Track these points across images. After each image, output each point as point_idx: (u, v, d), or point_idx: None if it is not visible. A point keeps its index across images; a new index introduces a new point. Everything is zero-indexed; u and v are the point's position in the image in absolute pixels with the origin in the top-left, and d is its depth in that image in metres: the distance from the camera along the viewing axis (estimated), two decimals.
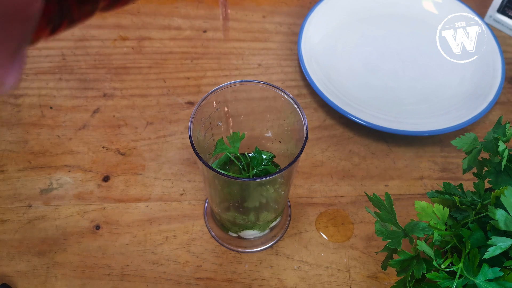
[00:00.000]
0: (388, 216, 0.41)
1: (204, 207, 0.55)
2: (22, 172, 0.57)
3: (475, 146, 0.43)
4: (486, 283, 0.37)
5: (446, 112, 0.62)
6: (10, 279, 0.50)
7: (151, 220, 0.54)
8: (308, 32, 0.66)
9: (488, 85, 0.63)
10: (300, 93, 0.64)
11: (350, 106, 0.60)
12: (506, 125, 0.42)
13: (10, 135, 0.59)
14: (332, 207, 0.56)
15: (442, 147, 0.61)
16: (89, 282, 0.50)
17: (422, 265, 0.39)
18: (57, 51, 0.66)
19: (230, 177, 0.41)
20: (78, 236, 0.53)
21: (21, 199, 0.55)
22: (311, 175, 0.58)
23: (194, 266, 0.51)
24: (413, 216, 0.53)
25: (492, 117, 0.63)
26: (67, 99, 0.62)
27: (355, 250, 0.53)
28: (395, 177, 0.58)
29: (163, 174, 0.57)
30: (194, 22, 0.71)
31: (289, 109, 0.45)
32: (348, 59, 0.67)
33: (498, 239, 0.37)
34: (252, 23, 0.71)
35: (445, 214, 0.40)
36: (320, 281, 0.51)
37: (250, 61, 0.67)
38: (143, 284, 0.50)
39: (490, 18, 0.71)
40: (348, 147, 0.60)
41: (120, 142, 0.59)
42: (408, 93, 0.64)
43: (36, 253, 0.52)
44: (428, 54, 0.67)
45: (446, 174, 0.58)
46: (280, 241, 0.53)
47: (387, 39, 0.69)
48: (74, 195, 0.55)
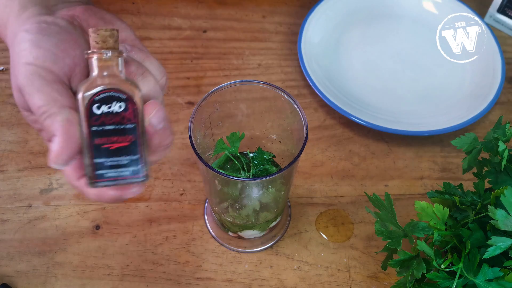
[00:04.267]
0: (388, 216, 0.41)
1: (204, 207, 0.55)
2: (22, 172, 0.57)
3: (475, 146, 0.44)
4: (486, 283, 0.37)
5: (446, 112, 0.62)
6: (10, 279, 0.50)
7: (151, 220, 0.54)
8: (308, 32, 0.66)
9: (488, 85, 0.63)
10: (300, 93, 0.64)
11: (350, 106, 0.60)
12: (506, 125, 0.42)
13: (10, 135, 0.59)
14: (332, 207, 0.56)
15: (442, 147, 0.61)
16: (89, 282, 0.50)
17: (422, 265, 0.39)
18: None
19: (230, 177, 0.41)
20: (78, 236, 0.53)
21: (21, 199, 0.55)
22: (311, 175, 0.58)
23: (194, 266, 0.51)
24: (413, 216, 0.53)
25: (492, 117, 0.63)
26: None
27: (355, 250, 0.53)
28: (395, 177, 0.58)
29: (163, 174, 0.57)
30: (194, 22, 0.71)
31: (289, 109, 0.45)
32: (348, 59, 0.67)
33: (498, 239, 0.37)
34: (252, 23, 0.71)
35: (445, 214, 0.40)
36: (320, 281, 0.51)
37: (250, 61, 0.67)
38: (143, 284, 0.50)
39: (490, 18, 0.71)
40: (348, 147, 0.60)
41: None
42: (408, 93, 0.64)
43: (36, 253, 0.52)
44: (428, 54, 0.67)
45: (446, 174, 0.58)
46: (280, 241, 0.53)
47: (387, 39, 0.69)
48: (74, 195, 0.55)
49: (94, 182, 0.32)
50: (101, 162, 0.31)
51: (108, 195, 0.33)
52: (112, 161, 0.31)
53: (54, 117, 0.31)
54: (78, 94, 0.31)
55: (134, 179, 0.32)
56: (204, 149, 0.47)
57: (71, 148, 0.31)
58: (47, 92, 0.32)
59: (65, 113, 0.31)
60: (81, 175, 0.33)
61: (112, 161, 0.31)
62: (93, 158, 0.31)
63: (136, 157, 0.32)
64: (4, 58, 0.65)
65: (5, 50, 0.66)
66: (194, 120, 0.42)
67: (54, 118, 0.31)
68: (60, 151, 0.31)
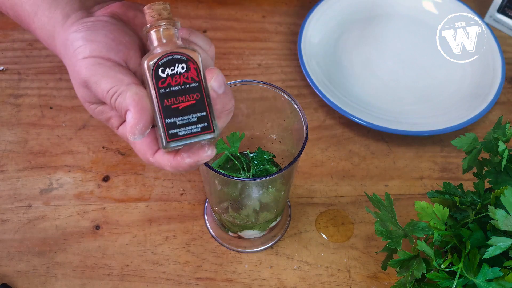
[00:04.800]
0: (388, 216, 0.41)
1: (204, 207, 0.55)
2: (22, 172, 0.57)
3: (475, 146, 0.44)
4: (486, 283, 0.37)
5: (446, 112, 0.62)
6: (10, 279, 0.50)
7: (151, 220, 0.54)
8: (308, 32, 0.66)
9: (488, 85, 0.63)
10: (300, 93, 0.64)
11: (350, 106, 0.60)
12: (506, 125, 0.42)
13: (10, 135, 0.59)
14: (332, 207, 0.56)
15: (442, 147, 0.61)
16: (89, 282, 0.50)
17: (422, 265, 0.39)
18: None
19: (230, 177, 0.41)
20: (78, 236, 0.53)
21: (21, 199, 0.55)
22: (311, 175, 0.58)
23: (194, 266, 0.51)
24: (413, 216, 0.53)
25: (492, 117, 0.63)
26: (67, 99, 0.62)
27: (355, 250, 0.53)
28: (395, 177, 0.58)
29: (163, 174, 0.57)
30: (194, 22, 0.71)
31: (289, 109, 0.45)
32: (348, 59, 0.67)
33: (498, 239, 0.37)
34: (252, 23, 0.71)
35: (445, 214, 0.40)
36: (320, 281, 0.51)
37: (250, 61, 0.67)
38: (143, 284, 0.50)
39: (490, 18, 0.71)
40: (348, 147, 0.60)
41: (120, 142, 0.59)
42: (408, 93, 0.64)
43: (36, 253, 0.52)
44: (428, 54, 0.67)
45: (446, 174, 0.58)
46: (280, 241, 0.53)
47: (387, 39, 0.69)
48: (74, 195, 0.55)
49: (169, 142, 0.33)
50: (172, 122, 0.33)
51: (184, 164, 0.35)
52: (182, 119, 0.34)
53: (124, 94, 0.34)
54: (143, 65, 0.34)
55: (205, 135, 0.34)
56: None
57: (145, 118, 0.33)
58: (112, 75, 0.35)
59: (134, 88, 0.34)
60: (155, 150, 0.35)
61: (182, 120, 0.34)
62: (164, 119, 0.33)
63: (204, 114, 0.34)
64: (4, 58, 0.65)
65: (5, 50, 0.66)
66: None
67: (125, 95, 0.34)
68: (136, 122, 0.33)
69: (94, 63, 0.35)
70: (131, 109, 0.33)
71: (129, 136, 0.34)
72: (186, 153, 0.35)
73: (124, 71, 0.36)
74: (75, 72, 0.36)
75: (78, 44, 0.36)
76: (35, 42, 0.66)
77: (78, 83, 0.37)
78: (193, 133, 0.34)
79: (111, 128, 0.39)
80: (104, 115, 0.38)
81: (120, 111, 0.35)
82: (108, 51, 0.36)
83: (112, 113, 0.38)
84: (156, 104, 0.33)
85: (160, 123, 0.33)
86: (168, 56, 0.33)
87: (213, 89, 0.34)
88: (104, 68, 0.35)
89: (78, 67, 0.36)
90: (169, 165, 0.35)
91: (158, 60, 0.33)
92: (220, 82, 0.34)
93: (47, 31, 0.40)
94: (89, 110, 0.39)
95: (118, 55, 0.36)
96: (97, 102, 0.38)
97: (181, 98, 0.33)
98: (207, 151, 0.35)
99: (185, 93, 0.34)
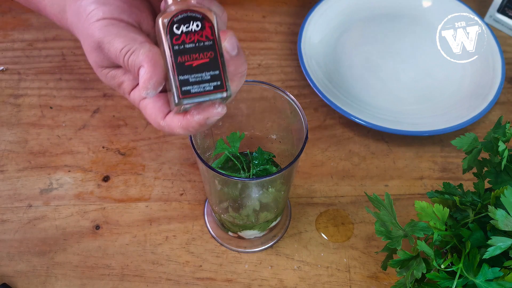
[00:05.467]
0: (388, 216, 0.41)
1: (204, 207, 0.55)
2: (22, 172, 0.57)
3: (475, 146, 0.44)
4: (486, 283, 0.37)
5: (446, 112, 0.62)
6: (10, 279, 0.50)
7: (151, 220, 0.54)
8: (308, 32, 0.66)
9: (488, 85, 0.63)
10: (300, 93, 0.64)
11: (350, 106, 0.60)
12: (506, 125, 0.42)
13: (10, 135, 0.59)
14: (332, 207, 0.56)
15: (442, 147, 0.61)
16: (89, 282, 0.50)
17: (422, 265, 0.39)
18: (57, 51, 0.66)
19: (230, 177, 0.41)
20: (78, 236, 0.53)
21: (21, 199, 0.55)
22: (311, 175, 0.58)
23: (194, 266, 0.51)
24: (413, 216, 0.53)
25: (492, 117, 0.63)
26: (67, 99, 0.62)
27: (355, 250, 0.53)
28: (395, 177, 0.58)
29: (163, 174, 0.57)
30: None
31: (289, 109, 0.45)
32: (348, 59, 0.67)
33: (498, 239, 0.37)
34: (252, 23, 0.71)
35: (445, 214, 0.40)
36: (320, 281, 0.51)
37: (250, 61, 0.67)
38: (143, 284, 0.50)
39: (490, 18, 0.71)
40: (348, 147, 0.60)
41: (120, 142, 0.59)
42: (408, 93, 0.64)
43: (36, 253, 0.52)
44: (428, 54, 0.67)
45: (446, 174, 0.58)
46: (280, 241, 0.53)
47: (387, 39, 0.69)
48: (74, 195, 0.55)
49: (182, 99, 0.33)
50: (185, 79, 0.33)
51: (194, 122, 0.34)
52: (195, 77, 0.33)
53: (137, 51, 0.34)
54: (157, 22, 0.33)
55: (218, 94, 0.34)
56: (204, 149, 0.47)
57: (158, 73, 0.34)
58: (125, 35, 0.35)
59: (147, 46, 0.34)
60: (166, 113, 0.36)
61: (196, 77, 0.33)
62: (177, 75, 0.33)
63: (217, 72, 0.34)
64: (4, 58, 0.65)
65: (5, 50, 0.66)
66: None
67: (138, 52, 0.34)
68: (149, 77, 0.33)
69: (107, 24, 0.35)
70: (144, 65, 0.34)
71: (142, 91, 0.34)
72: (196, 109, 0.34)
73: (137, 31, 0.36)
74: (89, 36, 0.36)
75: (91, 8, 0.36)
76: (35, 42, 0.66)
77: (92, 47, 0.36)
78: (206, 91, 0.33)
79: (123, 94, 0.39)
80: (116, 80, 0.38)
81: (133, 68, 0.35)
82: (121, 13, 0.36)
83: (125, 78, 0.38)
84: (169, 61, 0.33)
85: (173, 80, 0.33)
86: (183, 13, 0.33)
87: (227, 50, 0.34)
88: (117, 28, 0.35)
89: (91, 30, 0.36)
90: (179, 125, 0.35)
91: (173, 16, 0.33)
92: (233, 44, 0.34)
93: (57, 5, 0.40)
94: (100, 76, 0.39)
95: (131, 17, 0.36)
96: (109, 66, 0.38)
97: (195, 55, 0.33)
98: (217, 108, 0.34)
99: (199, 51, 0.33)
